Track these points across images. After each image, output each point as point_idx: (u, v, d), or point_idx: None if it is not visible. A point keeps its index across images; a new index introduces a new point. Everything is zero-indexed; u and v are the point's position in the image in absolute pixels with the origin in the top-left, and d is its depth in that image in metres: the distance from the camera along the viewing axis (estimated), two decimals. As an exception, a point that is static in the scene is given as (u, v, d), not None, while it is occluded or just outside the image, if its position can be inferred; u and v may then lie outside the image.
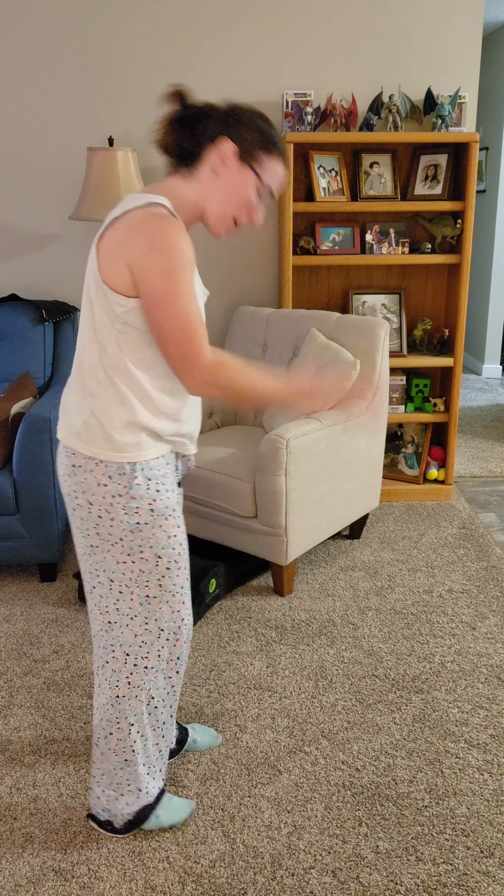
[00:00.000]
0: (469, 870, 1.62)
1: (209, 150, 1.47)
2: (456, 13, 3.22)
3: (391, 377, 3.46)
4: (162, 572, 1.58)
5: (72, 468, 1.53)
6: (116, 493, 1.51)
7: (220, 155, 1.46)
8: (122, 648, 1.62)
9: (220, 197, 1.49)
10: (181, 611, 1.64)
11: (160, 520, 1.55)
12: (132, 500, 1.51)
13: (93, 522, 1.54)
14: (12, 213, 3.37)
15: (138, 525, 1.53)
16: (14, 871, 1.64)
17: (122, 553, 1.56)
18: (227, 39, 3.21)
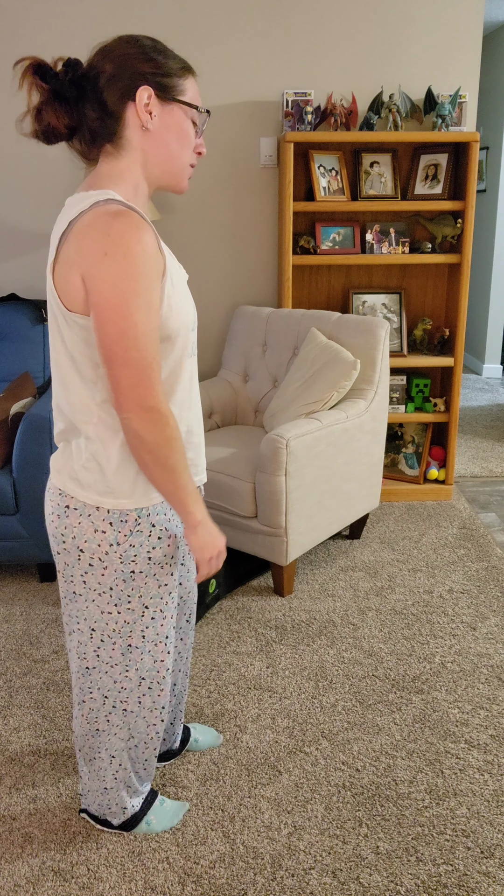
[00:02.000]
0: (469, 870, 1.62)
1: (125, 110, 1.26)
2: (456, 13, 3.21)
3: (391, 377, 3.46)
4: (147, 623, 1.48)
5: (65, 509, 1.38)
6: (115, 541, 1.38)
7: (140, 108, 1.26)
8: (100, 692, 1.55)
9: (164, 151, 1.30)
10: (165, 660, 1.54)
11: (156, 568, 1.43)
12: (131, 549, 1.39)
13: (80, 570, 1.42)
14: (12, 213, 3.36)
15: (132, 574, 1.42)
16: (13, 871, 1.64)
17: (109, 604, 1.45)
18: (227, 39, 3.20)
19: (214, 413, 3.17)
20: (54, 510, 1.41)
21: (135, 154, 1.29)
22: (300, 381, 2.83)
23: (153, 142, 1.29)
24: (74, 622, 1.51)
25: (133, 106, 1.26)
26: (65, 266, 1.21)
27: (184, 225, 3.42)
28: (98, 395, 1.31)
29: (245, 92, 3.27)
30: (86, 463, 1.35)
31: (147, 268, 1.19)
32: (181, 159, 1.33)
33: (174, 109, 1.29)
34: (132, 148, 1.29)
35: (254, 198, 3.41)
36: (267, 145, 3.33)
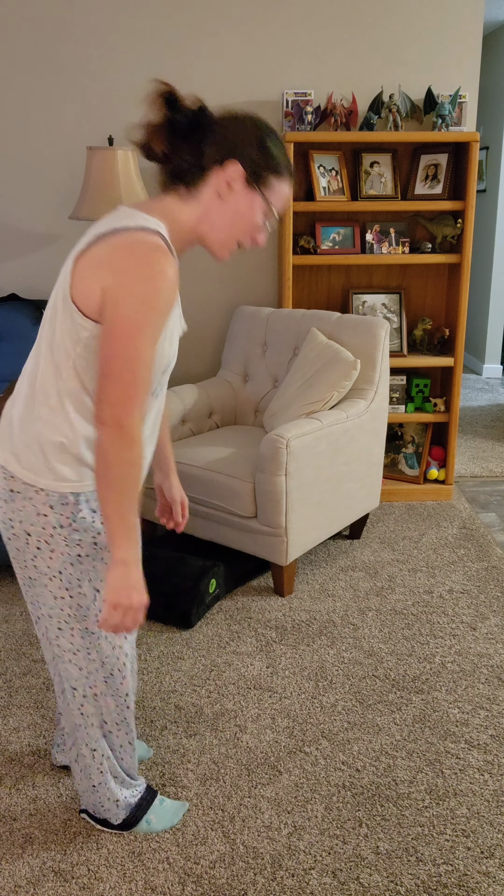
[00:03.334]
0: (469, 870, 1.62)
1: (214, 172, 1.34)
2: (456, 13, 3.21)
3: (391, 377, 3.46)
4: (101, 607, 1.49)
5: (9, 493, 1.41)
6: (58, 523, 1.40)
7: (227, 178, 1.34)
8: (69, 683, 1.58)
9: (224, 222, 1.37)
10: (122, 646, 1.56)
11: (103, 552, 1.45)
12: (75, 532, 1.41)
13: (30, 554, 1.44)
14: (12, 213, 3.36)
15: (79, 557, 1.43)
16: (14, 871, 1.64)
17: (60, 588, 1.46)
18: (227, 39, 3.20)
19: (214, 413, 3.17)
20: (1, 495, 1.43)
21: (198, 209, 1.36)
22: (300, 381, 2.83)
23: (219, 210, 1.36)
24: (37, 609, 1.54)
25: (221, 172, 1.34)
26: (90, 267, 1.26)
27: (184, 225, 3.42)
28: (62, 383, 1.34)
29: (245, 92, 3.27)
30: (30, 442, 1.38)
31: (164, 305, 1.26)
32: (232, 235, 1.40)
33: (254, 196, 1.36)
34: (199, 203, 1.36)
35: (254, 198, 3.40)
36: (267, 145, 3.32)
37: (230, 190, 1.35)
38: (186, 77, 3.24)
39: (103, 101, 3.25)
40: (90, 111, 3.26)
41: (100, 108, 3.26)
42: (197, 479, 2.70)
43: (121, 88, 3.24)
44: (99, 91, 3.24)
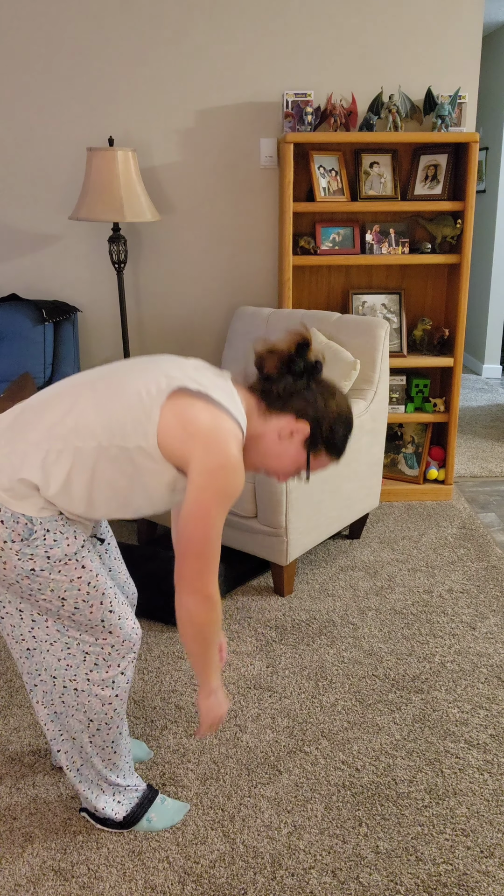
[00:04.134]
0: (469, 870, 1.62)
1: (289, 416, 1.51)
2: (456, 13, 3.22)
3: (391, 377, 3.46)
4: (70, 611, 1.50)
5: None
6: (9, 538, 1.40)
7: (294, 430, 1.50)
8: (47, 672, 1.57)
9: (268, 455, 1.54)
10: (108, 639, 1.55)
11: (58, 566, 1.45)
12: (26, 548, 1.41)
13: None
14: (12, 213, 3.37)
15: (33, 571, 1.43)
16: (14, 871, 1.64)
17: (23, 593, 1.47)
18: (227, 39, 3.21)
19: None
20: None
21: (260, 428, 1.53)
22: (300, 381, 2.83)
23: (271, 444, 1.53)
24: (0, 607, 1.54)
25: (293, 422, 1.50)
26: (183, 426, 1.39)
27: (184, 225, 3.42)
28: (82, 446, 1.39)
29: (245, 93, 3.27)
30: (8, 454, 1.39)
31: (235, 494, 1.42)
32: (266, 466, 1.57)
33: (302, 454, 1.53)
34: (264, 425, 1.53)
35: (254, 198, 3.41)
36: (267, 146, 3.33)
37: (289, 438, 1.52)
38: (187, 77, 3.24)
39: (103, 101, 3.25)
40: (90, 111, 3.26)
41: (100, 109, 3.26)
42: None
43: (121, 88, 3.24)
44: (99, 91, 3.24)
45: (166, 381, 1.42)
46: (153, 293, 3.51)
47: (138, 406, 1.40)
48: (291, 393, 1.51)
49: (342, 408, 1.54)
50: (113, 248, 3.18)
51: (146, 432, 1.39)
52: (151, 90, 3.25)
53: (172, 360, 1.51)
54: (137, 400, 1.40)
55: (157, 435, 1.39)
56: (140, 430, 1.39)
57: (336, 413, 1.53)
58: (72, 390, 1.45)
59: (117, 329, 3.55)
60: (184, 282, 3.50)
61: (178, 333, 3.58)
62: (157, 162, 3.33)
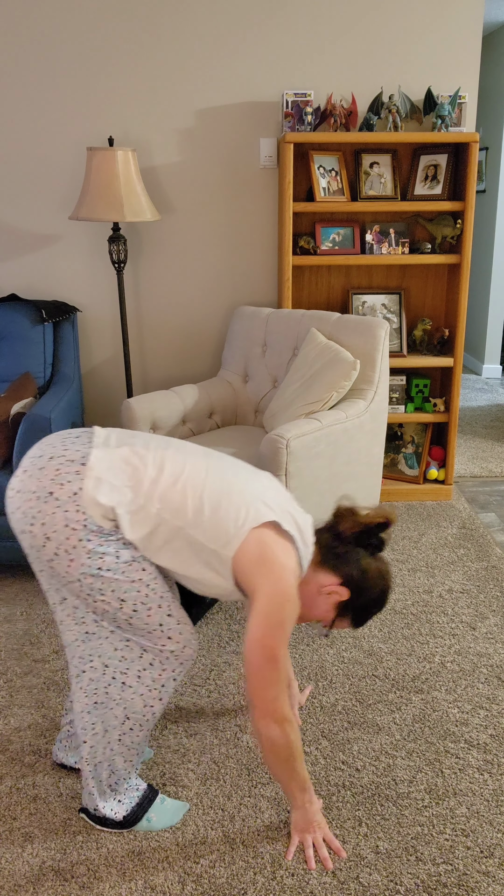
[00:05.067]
0: (469, 870, 1.62)
1: (336, 578, 1.61)
2: (456, 13, 3.22)
3: (391, 377, 3.46)
4: (129, 614, 1.53)
5: (47, 494, 1.46)
6: (85, 538, 1.45)
7: (334, 591, 1.61)
8: (100, 659, 1.58)
9: (304, 601, 1.64)
10: (167, 644, 1.59)
11: (123, 566, 1.49)
12: (99, 547, 1.46)
13: (46, 556, 1.48)
14: (12, 213, 3.37)
15: (100, 570, 1.47)
16: (14, 871, 1.64)
17: (82, 591, 1.50)
18: (227, 39, 3.21)
19: (214, 413, 3.17)
20: (32, 490, 1.47)
21: (308, 577, 1.64)
22: (300, 381, 2.83)
23: (308, 593, 1.64)
24: (58, 593, 1.56)
25: (337, 584, 1.61)
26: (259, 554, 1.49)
27: (184, 225, 3.42)
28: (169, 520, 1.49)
29: (245, 92, 3.27)
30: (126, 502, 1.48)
31: (293, 624, 1.52)
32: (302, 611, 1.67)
33: (331, 614, 1.65)
34: (311, 577, 1.63)
35: (253, 198, 3.41)
36: (267, 146, 3.33)
37: (326, 596, 1.62)
38: (187, 77, 3.24)
39: (103, 101, 3.25)
40: (90, 111, 3.26)
41: (100, 108, 3.26)
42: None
43: (121, 88, 3.24)
44: (99, 91, 3.24)
45: (265, 509, 1.53)
46: (153, 293, 3.51)
47: (233, 520, 1.50)
48: (349, 559, 1.61)
49: (384, 591, 1.64)
50: (113, 248, 3.18)
51: (227, 544, 1.50)
52: (151, 90, 3.25)
53: (272, 484, 1.64)
54: (235, 514, 1.50)
55: (236, 552, 1.50)
56: (223, 540, 1.50)
57: (377, 594, 1.63)
58: (184, 463, 1.55)
59: (117, 329, 3.55)
60: (184, 282, 3.50)
61: (178, 333, 3.58)
62: (157, 162, 3.33)
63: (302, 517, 1.62)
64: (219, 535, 1.49)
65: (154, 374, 3.64)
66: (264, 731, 1.51)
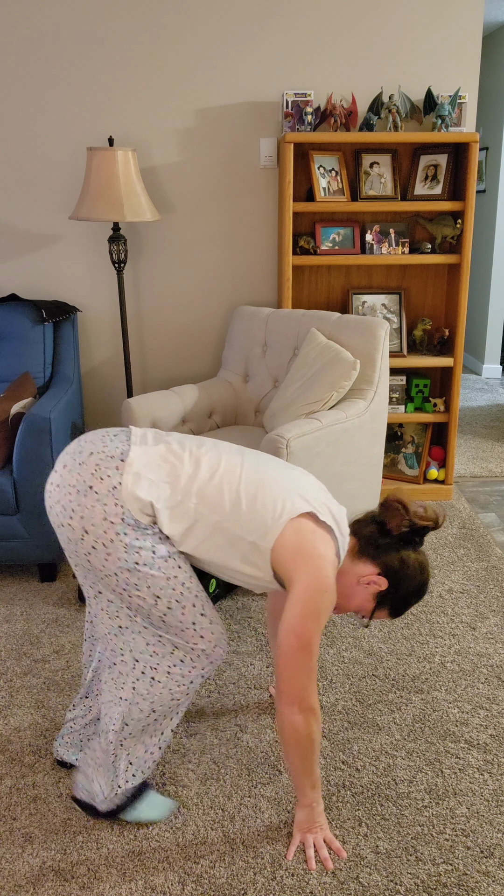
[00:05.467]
0: (469, 870, 1.62)
1: (375, 569, 1.63)
2: (456, 13, 3.22)
3: (391, 377, 3.46)
4: (163, 611, 1.55)
5: (87, 488, 1.49)
6: (123, 531, 1.48)
7: (374, 581, 1.63)
8: (131, 654, 1.60)
9: (342, 591, 1.66)
10: (199, 643, 1.60)
11: (160, 562, 1.51)
12: (136, 541, 1.49)
13: (84, 550, 1.51)
14: (12, 213, 3.37)
15: (136, 564, 1.50)
16: (14, 871, 1.64)
17: (118, 586, 1.52)
18: (227, 39, 3.21)
19: (215, 413, 3.17)
20: (72, 485, 1.50)
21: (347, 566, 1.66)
22: (300, 381, 2.83)
23: (348, 584, 1.65)
24: (94, 588, 1.59)
25: (376, 574, 1.63)
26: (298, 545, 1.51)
27: (184, 225, 3.42)
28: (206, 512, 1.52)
29: (245, 92, 3.27)
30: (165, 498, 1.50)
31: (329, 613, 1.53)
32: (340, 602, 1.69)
33: (370, 604, 1.66)
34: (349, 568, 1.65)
35: (253, 198, 3.41)
36: (267, 146, 3.33)
37: (365, 586, 1.64)
38: (187, 77, 3.24)
39: (103, 101, 3.25)
40: (90, 111, 3.26)
41: (100, 108, 3.26)
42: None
43: (121, 88, 3.24)
44: (99, 91, 3.24)
45: (301, 501, 1.54)
46: (153, 293, 3.51)
47: (270, 512, 1.52)
48: (390, 548, 1.63)
49: (423, 582, 1.65)
50: (113, 248, 3.18)
51: (265, 535, 1.51)
52: (151, 90, 3.25)
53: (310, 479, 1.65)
54: (272, 506, 1.52)
55: (274, 543, 1.51)
56: (260, 531, 1.51)
57: (416, 586, 1.64)
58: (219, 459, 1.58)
59: (117, 329, 3.55)
60: (184, 281, 3.50)
61: (178, 333, 3.58)
62: (157, 162, 3.33)
63: (337, 508, 1.63)
64: (256, 527, 1.51)
65: (154, 374, 3.64)
66: (289, 719, 1.52)
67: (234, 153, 3.34)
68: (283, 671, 1.51)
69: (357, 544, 1.65)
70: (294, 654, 1.50)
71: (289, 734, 1.54)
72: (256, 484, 1.54)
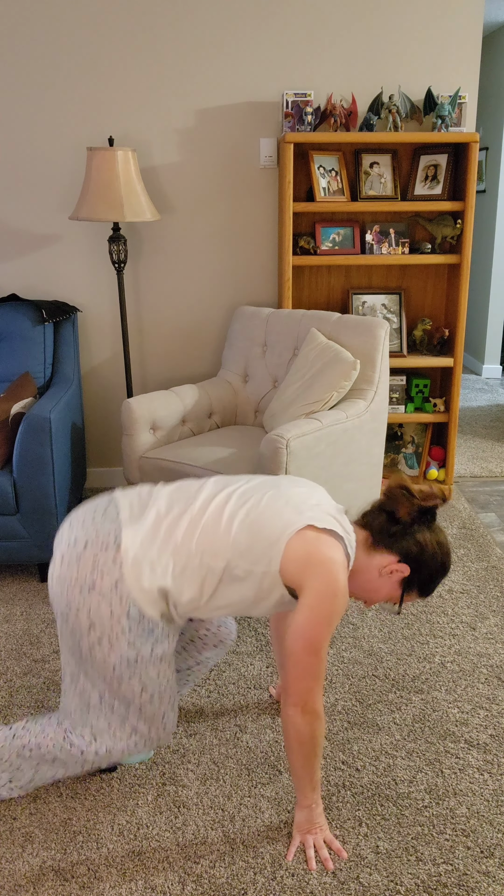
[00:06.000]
0: (469, 870, 1.62)
1: (393, 556, 1.63)
2: (456, 13, 3.22)
3: (391, 377, 3.46)
4: (145, 700, 1.63)
5: (90, 587, 1.53)
6: (128, 628, 1.54)
7: (395, 569, 1.63)
8: (91, 730, 1.65)
9: (367, 588, 1.67)
10: (159, 731, 1.69)
11: (155, 660, 1.60)
12: (138, 640, 1.55)
13: (88, 643, 1.56)
14: (12, 213, 3.37)
15: (135, 660, 1.57)
16: (14, 871, 1.64)
17: (111, 677, 1.58)
18: (227, 39, 3.21)
19: (214, 413, 3.17)
20: (75, 581, 1.54)
21: (364, 562, 1.65)
22: (300, 381, 2.83)
23: (370, 578, 1.66)
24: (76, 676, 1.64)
25: (395, 563, 1.63)
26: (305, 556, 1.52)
27: (184, 225, 3.42)
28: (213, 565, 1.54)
29: (245, 92, 3.27)
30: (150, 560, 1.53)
31: (340, 617, 1.54)
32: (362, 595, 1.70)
33: (397, 591, 1.67)
34: (368, 559, 1.65)
35: (253, 198, 3.41)
36: (267, 146, 3.33)
37: (389, 576, 1.64)
38: (186, 77, 3.24)
39: (103, 102, 3.25)
40: (90, 111, 3.26)
41: (100, 108, 3.26)
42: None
43: (121, 88, 3.24)
44: (99, 91, 3.24)
45: (296, 516, 1.56)
46: (153, 293, 3.51)
47: (269, 538, 1.54)
48: (404, 534, 1.63)
49: (445, 559, 1.65)
50: (113, 248, 3.18)
51: (270, 562, 1.53)
52: (151, 90, 3.25)
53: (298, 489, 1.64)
54: (269, 533, 1.54)
55: (281, 562, 1.53)
56: (265, 560, 1.53)
57: (439, 564, 1.65)
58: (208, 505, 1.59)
59: (117, 329, 3.55)
60: (184, 282, 3.50)
61: (178, 333, 3.58)
62: (157, 162, 3.33)
63: (335, 508, 1.64)
64: (261, 558, 1.54)
65: (154, 374, 3.64)
66: (292, 720, 1.54)
67: (234, 153, 3.34)
68: (289, 673, 1.54)
69: (370, 537, 1.65)
70: (302, 657, 1.51)
71: (292, 735, 1.56)
72: (249, 516, 1.56)
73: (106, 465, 3.75)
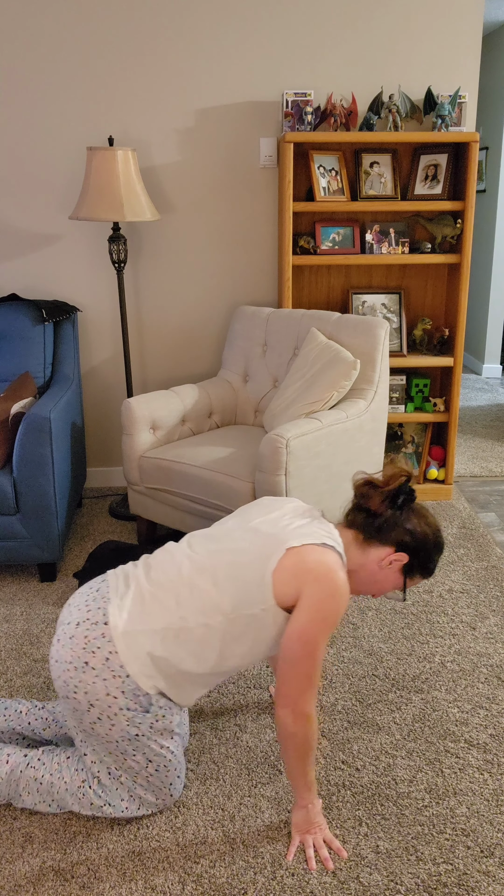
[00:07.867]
0: (469, 869, 1.62)
1: (389, 547, 1.65)
2: (456, 13, 3.21)
3: (391, 377, 3.46)
4: (151, 772, 1.66)
5: (83, 664, 1.55)
6: (126, 706, 1.56)
7: (393, 559, 1.65)
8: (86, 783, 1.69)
9: (370, 583, 1.69)
10: (165, 800, 1.72)
11: (157, 735, 1.62)
12: (138, 716, 1.58)
13: (90, 720, 1.59)
14: (12, 213, 3.37)
15: (137, 736, 1.60)
16: (14, 871, 1.64)
17: (116, 750, 1.62)
18: (227, 39, 3.21)
19: (214, 413, 3.17)
20: (71, 661, 1.58)
21: (361, 559, 1.67)
22: (300, 381, 2.83)
23: (371, 572, 1.68)
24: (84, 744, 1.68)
25: (392, 553, 1.65)
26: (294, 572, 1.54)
27: (184, 225, 3.42)
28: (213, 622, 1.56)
29: (245, 92, 3.27)
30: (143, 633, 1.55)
31: (339, 619, 1.55)
32: (365, 591, 1.73)
33: (399, 579, 1.69)
34: (364, 556, 1.67)
35: (253, 198, 3.41)
36: (267, 145, 3.33)
37: (388, 567, 1.67)
38: (186, 77, 3.24)
39: (103, 101, 3.25)
40: (90, 111, 3.26)
41: (100, 108, 3.26)
42: (197, 479, 2.70)
43: (121, 88, 3.24)
44: (99, 91, 3.24)
45: (273, 545, 1.58)
46: (153, 293, 3.52)
47: (253, 579, 1.56)
48: (392, 526, 1.65)
49: (437, 537, 1.68)
50: (113, 248, 3.18)
51: (265, 595, 1.55)
52: (151, 90, 3.25)
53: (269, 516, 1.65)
54: (252, 573, 1.56)
55: (274, 594, 1.55)
56: (258, 598, 1.56)
57: (433, 543, 1.67)
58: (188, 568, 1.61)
59: (117, 329, 3.55)
60: (184, 281, 3.50)
61: (178, 333, 3.58)
62: (157, 162, 3.33)
63: (307, 518, 1.65)
64: (254, 599, 1.55)
65: (154, 374, 3.64)
66: (283, 721, 1.56)
67: (234, 153, 3.34)
68: (282, 673, 1.54)
69: (359, 534, 1.68)
70: (296, 659, 1.52)
71: (284, 735, 1.58)
72: (229, 563, 1.58)
73: (106, 465, 3.75)
